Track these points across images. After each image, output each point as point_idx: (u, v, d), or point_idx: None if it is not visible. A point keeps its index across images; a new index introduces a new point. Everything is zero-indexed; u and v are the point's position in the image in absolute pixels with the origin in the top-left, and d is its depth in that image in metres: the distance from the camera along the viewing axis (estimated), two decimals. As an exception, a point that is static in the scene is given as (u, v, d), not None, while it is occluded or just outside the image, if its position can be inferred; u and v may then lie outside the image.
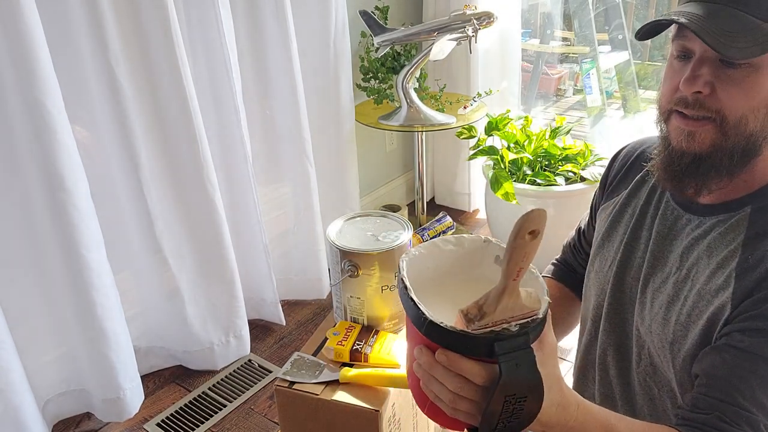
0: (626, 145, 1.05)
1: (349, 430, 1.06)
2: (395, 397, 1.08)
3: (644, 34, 0.83)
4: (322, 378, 1.08)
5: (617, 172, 1.03)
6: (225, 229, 1.91)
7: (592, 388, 1.05)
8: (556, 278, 1.16)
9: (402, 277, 0.71)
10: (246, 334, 2.09)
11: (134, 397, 1.81)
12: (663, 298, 0.88)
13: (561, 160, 2.39)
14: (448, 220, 1.37)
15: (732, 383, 0.76)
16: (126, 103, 1.64)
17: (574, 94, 4.10)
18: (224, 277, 1.96)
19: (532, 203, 2.34)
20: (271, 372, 2.08)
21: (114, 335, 1.69)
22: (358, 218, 1.25)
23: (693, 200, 0.87)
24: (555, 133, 2.43)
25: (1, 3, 1.34)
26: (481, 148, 2.38)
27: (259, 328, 2.27)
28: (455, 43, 2.21)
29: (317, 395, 1.05)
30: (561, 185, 2.27)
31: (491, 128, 2.42)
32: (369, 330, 1.17)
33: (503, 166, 2.37)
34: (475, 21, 2.12)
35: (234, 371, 2.09)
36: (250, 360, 2.13)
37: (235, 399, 1.97)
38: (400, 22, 2.62)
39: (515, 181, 2.30)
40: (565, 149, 2.39)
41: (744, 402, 0.75)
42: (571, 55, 3.88)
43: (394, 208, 2.79)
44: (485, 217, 2.67)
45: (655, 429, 0.78)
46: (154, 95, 1.71)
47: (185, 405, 1.95)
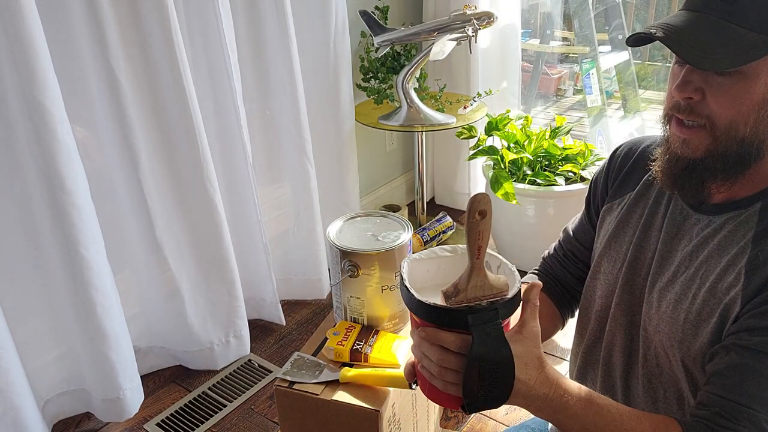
0: (622, 144, 1.06)
1: (349, 430, 1.06)
2: (395, 397, 1.08)
3: (632, 43, 0.85)
4: (322, 378, 1.08)
5: (618, 171, 1.03)
6: (225, 229, 1.91)
7: (593, 388, 1.05)
8: (547, 294, 1.12)
9: (401, 273, 0.82)
10: (246, 334, 2.09)
11: (134, 397, 1.81)
12: (671, 297, 0.88)
13: (561, 160, 2.39)
14: (448, 220, 1.37)
15: (736, 381, 0.78)
16: (126, 103, 1.64)
17: (574, 94, 4.10)
18: (224, 277, 1.96)
19: (532, 203, 2.34)
20: (271, 372, 2.08)
21: (114, 335, 1.69)
22: (358, 218, 1.25)
23: (702, 200, 0.88)
24: (555, 133, 2.43)
25: (1, 3, 1.34)
26: (481, 148, 2.38)
27: (259, 328, 2.27)
28: (455, 43, 2.21)
29: (317, 395, 1.05)
30: (561, 185, 2.27)
31: (491, 128, 2.42)
32: (369, 330, 1.17)
33: (503, 166, 2.37)
34: (475, 21, 2.12)
35: (234, 371, 2.08)
36: (250, 360, 2.13)
37: (235, 399, 1.97)
38: (400, 22, 2.63)
39: (515, 181, 2.30)
40: (565, 149, 2.39)
41: (747, 399, 0.76)
42: (571, 55, 3.87)
43: (394, 208, 2.79)
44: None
45: (647, 417, 0.80)
46: (154, 95, 1.70)
47: (185, 405, 1.95)
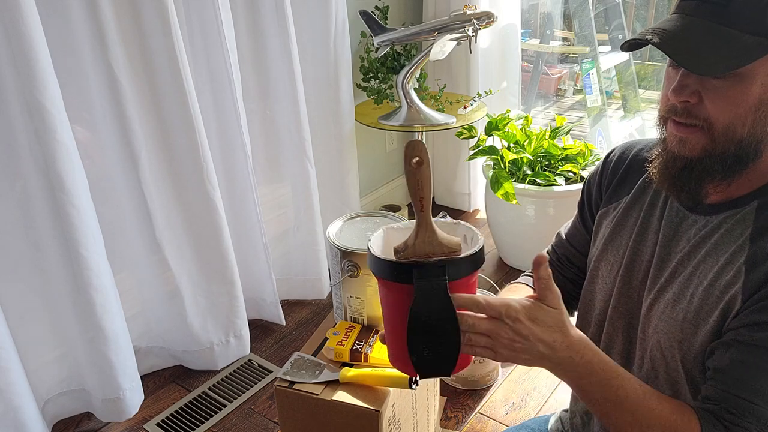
0: (615, 148, 1.06)
1: (349, 430, 1.06)
2: (395, 397, 1.08)
3: (628, 48, 0.86)
4: (322, 378, 1.08)
5: (612, 175, 1.03)
6: (225, 229, 1.91)
7: None
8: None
9: (369, 237, 0.83)
10: (246, 334, 2.09)
11: (134, 397, 1.81)
12: (669, 297, 0.88)
13: (561, 160, 2.39)
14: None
15: (738, 376, 0.79)
16: (126, 103, 1.64)
17: (574, 94, 4.10)
18: (224, 277, 1.96)
19: (532, 203, 2.34)
20: (271, 372, 2.08)
21: (114, 335, 1.69)
22: (358, 218, 1.25)
23: (698, 200, 0.88)
24: (555, 133, 2.43)
25: (1, 3, 1.34)
26: (481, 148, 2.38)
27: (259, 328, 2.27)
28: (455, 43, 2.21)
29: (317, 395, 1.05)
30: (561, 185, 2.27)
31: (491, 128, 2.42)
32: (369, 330, 1.17)
33: (503, 166, 2.37)
34: (475, 21, 2.12)
35: (234, 371, 2.08)
36: (250, 360, 2.13)
37: (235, 399, 1.97)
38: (400, 22, 2.63)
39: (515, 181, 2.30)
40: (565, 149, 2.39)
41: (749, 395, 0.78)
42: (571, 55, 3.88)
43: (394, 208, 2.79)
44: (485, 217, 2.67)
45: (666, 399, 0.81)
46: (154, 95, 1.70)
47: (185, 405, 1.95)
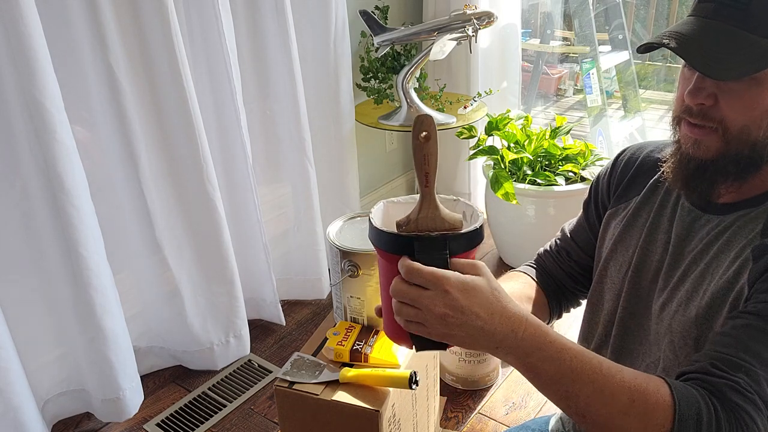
0: (626, 149, 1.06)
1: (349, 430, 1.06)
2: (395, 397, 1.08)
3: (643, 51, 0.85)
4: (322, 378, 1.08)
5: (622, 176, 1.03)
6: (225, 229, 1.91)
7: None
8: (539, 283, 1.13)
9: (370, 211, 0.82)
10: (246, 334, 2.09)
11: (134, 397, 1.81)
12: (682, 296, 0.88)
13: (561, 160, 2.39)
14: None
15: (738, 338, 0.76)
16: (126, 103, 1.64)
17: (574, 94, 4.10)
18: (224, 277, 1.96)
19: (532, 203, 2.34)
20: (271, 372, 2.08)
21: (113, 335, 1.69)
22: (358, 218, 1.25)
23: (710, 201, 0.88)
24: (555, 133, 2.43)
25: (1, 3, 1.34)
26: (481, 148, 2.38)
27: (259, 328, 2.27)
28: (455, 43, 2.21)
29: (317, 395, 1.05)
30: (561, 185, 2.27)
31: (491, 128, 2.42)
32: (369, 330, 1.17)
33: (503, 166, 2.37)
34: (475, 21, 2.12)
35: (234, 371, 2.08)
36: (250, 360, 2.13)
37: (235, 399, 1.97)
38: (400, 22, 2.62)
39: (515, 181, 2.30)
40: (565, 149, 2.39)
41: (747, 355, 0.74)
42: (571, 55, 3.88)
43: (394, 208, 2.78)
44: (485, 216, 2.67)
45: (626, 367, 0.75)
46: (154, 95, 1.70)
47: (185, 405, 1.95)
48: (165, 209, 1.83)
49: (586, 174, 2.30)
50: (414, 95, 2.37)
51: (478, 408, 1.89)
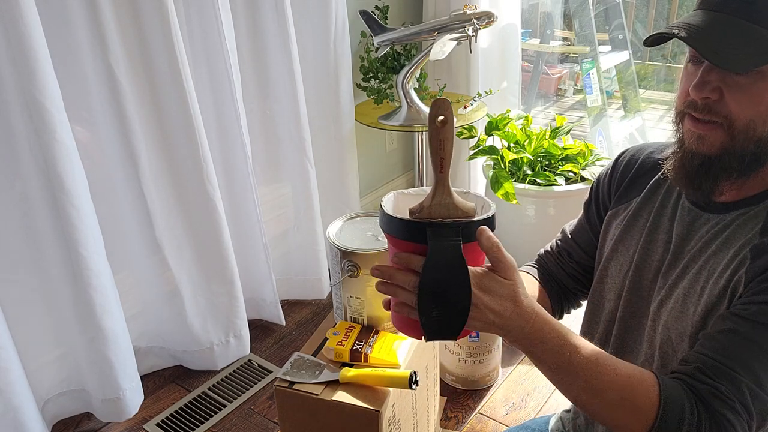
0: (626, 150, 1.06)
1: (349, 430, 1.06)
2: (395, 397, 1.08)
3: (651, 43, 0.85)
4: (322, 378, 1.08)
5: (623, 177, 1.03)
6: (225, 229, 1.91)
7: None
8: (541, 283, 1.13)
9: (381, 200, 0.82)
10: (246, 334, 2.09)
11: (134, 397, 1.81)
12: (680, 293, 0.88)
13: (561, 160, 2.39)
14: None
15: (724, 344, 0.78)
16: (126, 103, 1.64)
17: (574, 94, 4.10)
18: (224, 277, 1.96)
19: (532, 203, 2.34)
20: (271, 372, 2.08)
21: (113, 335, 1.69)
22: (358, 218, 1.25)
23: (710, 200, 0.88)
24: (555, 133, 2.43)
25: (1, 3, 1.34)
26: (481, 148, 2.38)
27: (259, 328, 2.27)
28: (455, 43, 2.21)
29: (317, 395, 1.05)
30: (561, 185, 2.27)
31: (491, 128, 2.42)
32: (369, 330, 1.17)
33: (503, 166, 2.37)
34: (475, 21, 2.12)
35: (234, 371, 2.08)
36: (250, 360, 2.13)
37: (235, 399, 1.97)
38: (400, 22, 2.62)
39: (515, 181, 2.30)
40: (565, 149, 2.39)
41: (732, 362, 0.77)
42: (571, 55, 3.87)
43: (394, 208, 2.78)
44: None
45: (624, 364, 0.79)
46: (154, 95, 1.70)
47: (185, 405, 1.95)
48: (165, 209, 1.83)
49: (586, 174, 2.30)
50: (414, 95, 2.37)
51: (478, 408, 1.89)
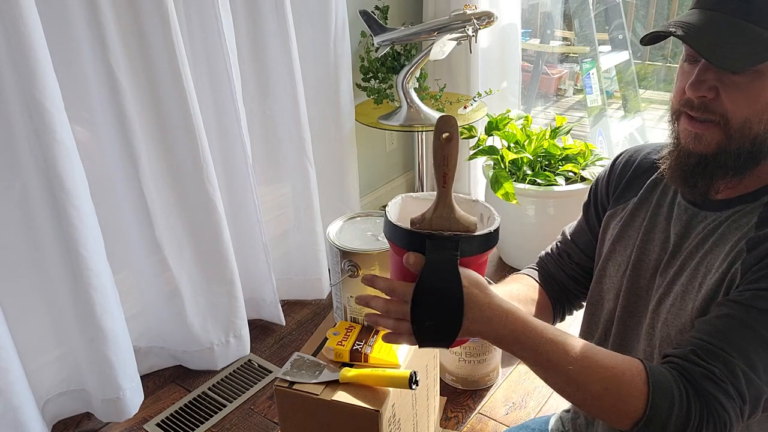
0: (624, 152, 1.07)
1: (349, 430, 1.06)
2: (395, 397, 1.08)
3: (648, 41, 0.85)
4: (322, 378, 1.08)
5: (620, 178, 1.04)
6: (225, 229, 1.91)
7: None
8: (542, 285, 1.13)
9: (389, 203, 0.84)
10: (246, 334, 2.09)
11: (134, 397, 1.81)
12: (678, 289, 0.88)
13: (561, 160, 2.39)
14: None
15: (719, 328, 0.78)
16: (126, 103, 1.64)
17: (574, 94, 4.10)
18: (224, 277, 1.96)
19: (532, 203, 2.34)
20: (271, 372, 2.08)
21: (113, 335, 1.69)
22: (358, 218, 1.25)
23: (706, 198, 0.88)
24: (555, 133, 2.43)
25: (1, 3, 1.34)
26: (481, 148, 2.38)
27: (259, 328, 2.27)
28: (455, 43, 2.21)
29: (317, 395, 1.05)
30: (561, 185, 2.27)
31: (491, 128, 2.42)
32: (369, 330, 1.17)
33: (503, 166, 2.37)
34: (475, 21, 2.12)
35: (234, 371, 2.08)
36: (250, 360, 2.13)
37: (235, 399, 1.97)
38: (400, 22, 2.62)
39: (515, 181, 2.30)
40: (565, 149, 2.39)
41: (726, 345, 0.77)
42: (571, 55, 3.87)
43: (394, 208, 2.78)
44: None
45: (609, 354, 0.80)
46: (154, 95, 1.70)
47: (185, 405, 1.95)
48: (165, 209, 1.83)
49: (586, 174, 2.30)
50: (414, 95, 2.37)
51: (478, 408, 1.89)
